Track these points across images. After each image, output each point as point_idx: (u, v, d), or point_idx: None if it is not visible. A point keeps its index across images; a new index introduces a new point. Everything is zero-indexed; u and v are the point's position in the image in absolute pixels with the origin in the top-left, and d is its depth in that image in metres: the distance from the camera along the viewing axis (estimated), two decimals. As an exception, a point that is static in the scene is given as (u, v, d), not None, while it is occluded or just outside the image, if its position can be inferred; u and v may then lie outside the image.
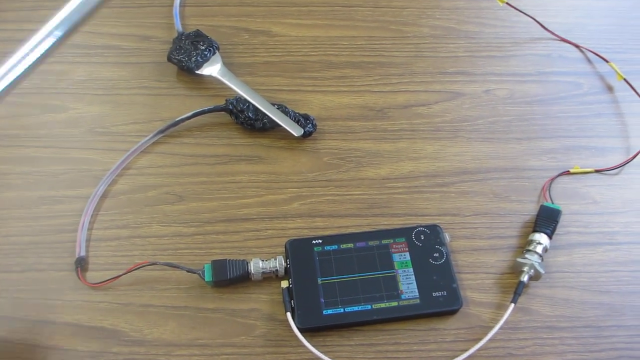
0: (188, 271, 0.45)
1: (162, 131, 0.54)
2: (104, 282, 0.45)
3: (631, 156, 0.54)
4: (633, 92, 0.58)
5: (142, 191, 0.51)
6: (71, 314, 0.44)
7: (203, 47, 0.57)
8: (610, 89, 0.60)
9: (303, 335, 0.42)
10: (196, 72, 0.57)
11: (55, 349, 0.43)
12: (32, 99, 0.56)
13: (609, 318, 0.45)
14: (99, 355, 0.43)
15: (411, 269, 0.46)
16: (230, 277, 0.45)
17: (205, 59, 0.57)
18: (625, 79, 0.58)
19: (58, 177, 0.51)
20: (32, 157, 0.52)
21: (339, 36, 0.63)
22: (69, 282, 0.46)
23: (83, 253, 0.47)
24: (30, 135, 0.54)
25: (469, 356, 0.42)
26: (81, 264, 0.46)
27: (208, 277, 0.45)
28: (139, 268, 0.46)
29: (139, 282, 0.46)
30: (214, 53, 0.58)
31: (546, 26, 0.63)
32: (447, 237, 0.48)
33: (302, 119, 0.54)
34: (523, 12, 0.63)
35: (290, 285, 0.45)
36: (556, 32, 0.63)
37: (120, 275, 0.45)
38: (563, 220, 0.50)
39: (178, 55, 0.57)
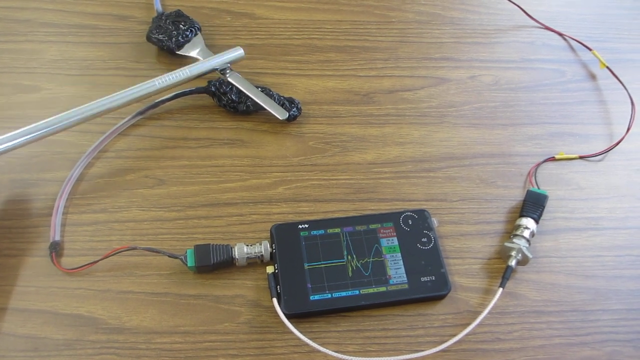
0: (170, 256, 0.44)
1: (141, 113, 0.52)
2: (80, 267, 0.43)
3: (614, 143, 0.54)
4: (615, 80, 0.58)
5: (121, 174, 0.49)
6: (45, 301, 0.42)
7: (184, 28, 0.56)
8: (593, 76, 0.60)
9: (290, 321, 0.40)
10: (177, 52, 0.55)
11: (28, 337, 0.41)
12: (2, 79, 0.53)
13: (594, 302, 0.46)
14: (75, 343, 0.41)
15: (399, 254, 0.45)
16: (213, 263, 0.43)
17: (187, 40, 0.55)
18: (608, 67, 0.59)
19: (31, 159, 0.49)
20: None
21: (323, 20, 0.62)
22: (43, 268, 0.43)
23: (58, 237, 0.44)
24: (2, 116, 0.51)
25: (457, 341, 0.42)
26: (56, 249, 0.44)
27: (191, 262, 0.43)
28: (117, 253, 0.44)
29: (117, 268, 0.44)
30: (196, 34, 0.56)
31: (530, 14, 0.63)
32: (434, 222, 0.47)
33: (286, 103, 0.53)
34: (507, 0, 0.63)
35: (276, 271, 0.43)
36: (540, 20, 0.63)
37: (98, 261, 0.43)
38: (548, 205, 0.50)
39: (158, 35, 0.55)
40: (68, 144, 0.50)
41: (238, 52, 0.54)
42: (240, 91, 0.52)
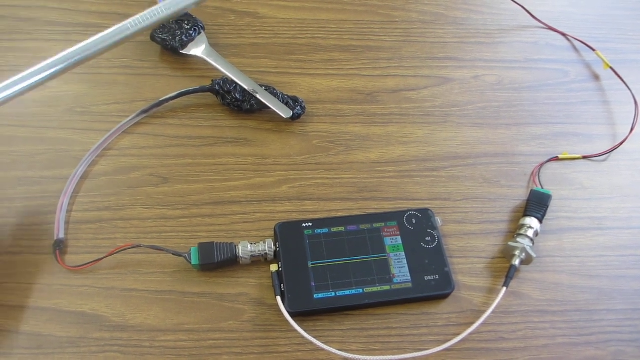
0: (174, 254, 0.44)
1: (145, 111, 0.52)
2: (84, 265, 0.43)
3: (618, 143, 0.54)
4: (619, 81, 0.58)
5: (125, 172, 0.49)
6: (49, 299, 0.42)
7: (188, 27, 0.56)
8: (596, 77, 0.60)
9: (293, 320, 0.40)
10: (181, 51, 0.55)
11: (32, 334, 0.41)
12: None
13: (598, 302, 0.46)
14: (78, 341, 0.41)
15: (403, 253, 0.45)
16: (217, 261, 0.43)
17: (191, 39, 0.55)
18: (611, 68, 0.59)
19: (35, 157, 0.49)
20: (8, 137, 0.50)
21: (327, 19, 0.62)
22: (47, 266, 0.43)
23: (62, 235, 0.45)
24: (6, 114, 0.51)
25: (461, 340, 0.42)
26: (60, 247, 0.44)
27: (195, 260, 0.43)
28: (121, 251, 0.44)
29: (121, 266, 0.44)
30: (200, 33, 0.56)
31: (533, 14, 0.63)
32: (438, 221, 0.47)
33: (290, 101, 0.53)
34: (511, 0, 0.63)
35: (280, 269, 0.43)
36: (543, 21, 0.63)
37: (102, 259, 0.43)
38: (552, 205, 0.49)
39: (162, 34, 0.55)
40: (72, 141, 0.50)
41: None
42: (244, 90, 0.52)
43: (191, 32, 0.56)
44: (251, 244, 0.44)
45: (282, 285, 0.43)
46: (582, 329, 0.44)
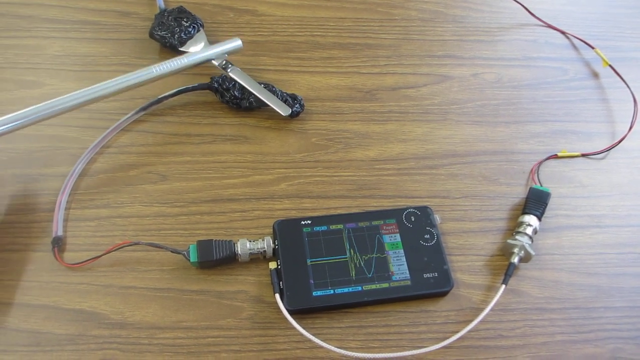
0: (172, 252, 0.44)
1: (144, 109, 0.52)
2: (82, 262, 0.43)
3: (617, 141, 0.54)
4: (618, 78, 0.58)
5: (123, 170, 0.49)
6: (48, 296, 0.42)
7: (187, 24, 0.56)
8: (595, 75, 0.60)
9: (292, 317, 0.40)
10: (179, 49, 0.55)
11: (31, 332, 0.41)
12: (5, 74, 0.53)
13: (597, 300, 0.46)
14: (77, 338, 0.41)
15: (402, 250, 0.45)
16: (216, 258, 0.43)
17: (189, 36, 0.55)
18: (610, 65, 0.59)
19: (33, 154, 0.49)
20: (6, 134, 0.50)
21: (326, 17, 0.62)
22: (45, 263, 0.43)
23: (60, 232, 0.44)
24: (5, 111, 0.51)
25: (460, 338, 0.42)
26: (58, 244, 0.44)
27: (193, 257, 0.43)
28: (120, 248, 0.44)
29: (120, 263, 0.44)
30: (198, 30, 0.56)
31: (533, 12, 0.63)
32: (437, 218, 0.47)
33: (289, 99, 0.53)
34: (510, -3, 0.63)
35: (279, 267, 0.43)
36: (542, 18, 0.63)
37: (100, 256, 0.43)
38: (551, 203, 0.49)
39: (161, 32, 0.55)
40: (70, 139, 0.50)
41: (236, 43, 0.54)
42: (243, 87, 0.52)
43: (190, 29, 0.55)
44: (250, 241, 0.44)
45: (280, 282, 0.43)
46: (581, 327, 0.44)
